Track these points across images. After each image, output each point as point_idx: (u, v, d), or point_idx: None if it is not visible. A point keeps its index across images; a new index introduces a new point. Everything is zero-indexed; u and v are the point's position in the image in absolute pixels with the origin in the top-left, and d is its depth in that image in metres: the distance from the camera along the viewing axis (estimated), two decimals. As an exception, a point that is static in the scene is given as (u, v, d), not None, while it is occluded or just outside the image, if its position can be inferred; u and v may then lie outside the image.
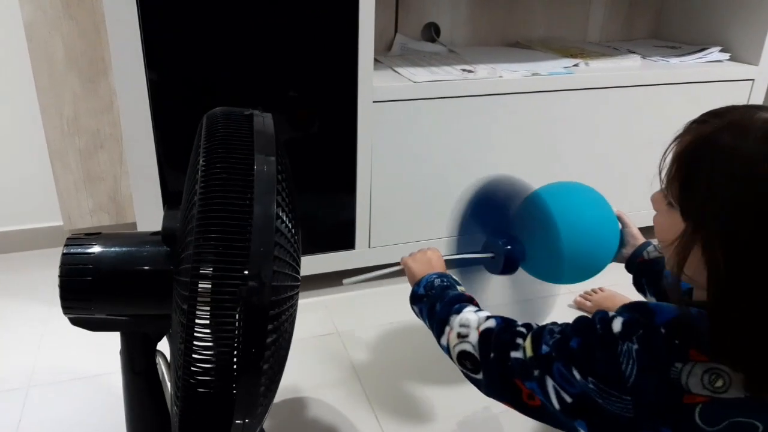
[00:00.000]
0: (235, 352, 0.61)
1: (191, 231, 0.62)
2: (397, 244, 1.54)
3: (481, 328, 0.76)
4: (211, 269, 0.61)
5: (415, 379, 1.26)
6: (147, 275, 0.74)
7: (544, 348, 0.68)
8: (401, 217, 1.53)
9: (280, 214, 0.65)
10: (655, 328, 0.60)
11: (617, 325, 0.62)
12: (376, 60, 1.37)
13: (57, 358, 1.30)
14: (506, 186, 1.07)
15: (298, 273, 0.73)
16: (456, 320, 0.79)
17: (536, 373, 0.68)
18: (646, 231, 0.99)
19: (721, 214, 0.58)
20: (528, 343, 0.71)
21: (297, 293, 0.73)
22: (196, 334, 0.61)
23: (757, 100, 1.73)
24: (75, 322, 0.76)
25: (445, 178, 1.51)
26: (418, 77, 1.43)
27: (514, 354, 0.71)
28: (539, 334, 0.70)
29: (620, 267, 1.04)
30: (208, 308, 0.62)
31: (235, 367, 0.61)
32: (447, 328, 0.80)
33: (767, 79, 1.72)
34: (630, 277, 1.03)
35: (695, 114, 0.65)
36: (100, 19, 1.52)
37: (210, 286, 0.61)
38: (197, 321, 0.61)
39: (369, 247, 1.52)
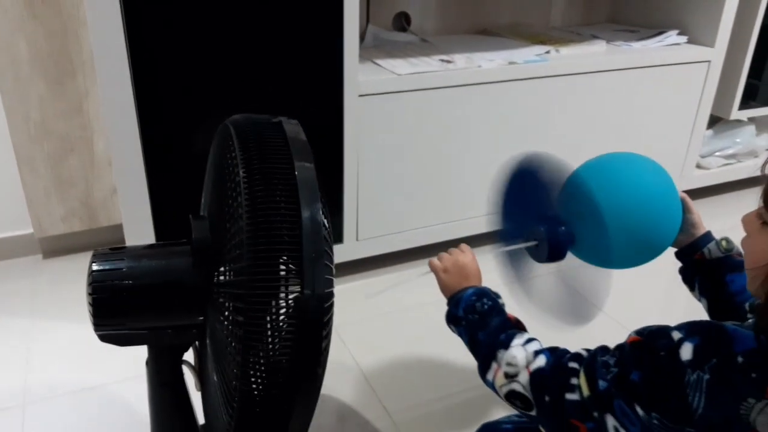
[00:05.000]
0: (293, 360, 0.62)
1: (240, 244, 0.63)
2: (386, 235, 1.56)
3: (531, 368, 0.71)
4: (265, 280, 0.61)
5: (418, 364, 1.29)
6: (181, 288, 0.73)
7: (601, 384, 0.64)
8: (389, 208, 1.54)
9: (323, 220, 0.66)
10: (731, 356, 0.55)
11: (686, 352, 0.57)
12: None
13: (49, 372, 1.26)
14: (547, 163, 0.94)
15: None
16: (503, 357, 0.74)
17: (596, 414, 0.65)
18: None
19: None
20: (583, 381, 0.67)
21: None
22: (253, 345, 0.62)
23: (713, 81, 1.82)
24: (105, 338, 0.75)
25: (431, 167, 1.54)
26: (400, 69, 1.44)
27: (570, 396, 0.67)
28: (592, 368, 0.66)
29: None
30: (261, 319, 0.63)
31: (294, 374, 0.62)
32: (494, 365, 0.75)
33: (722, 61, 1.81)
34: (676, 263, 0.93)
35: (658, 97, 0.62)
36: (67, 18, 1.46)
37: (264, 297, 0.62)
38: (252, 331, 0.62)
39: (357, 240, 1.53)
